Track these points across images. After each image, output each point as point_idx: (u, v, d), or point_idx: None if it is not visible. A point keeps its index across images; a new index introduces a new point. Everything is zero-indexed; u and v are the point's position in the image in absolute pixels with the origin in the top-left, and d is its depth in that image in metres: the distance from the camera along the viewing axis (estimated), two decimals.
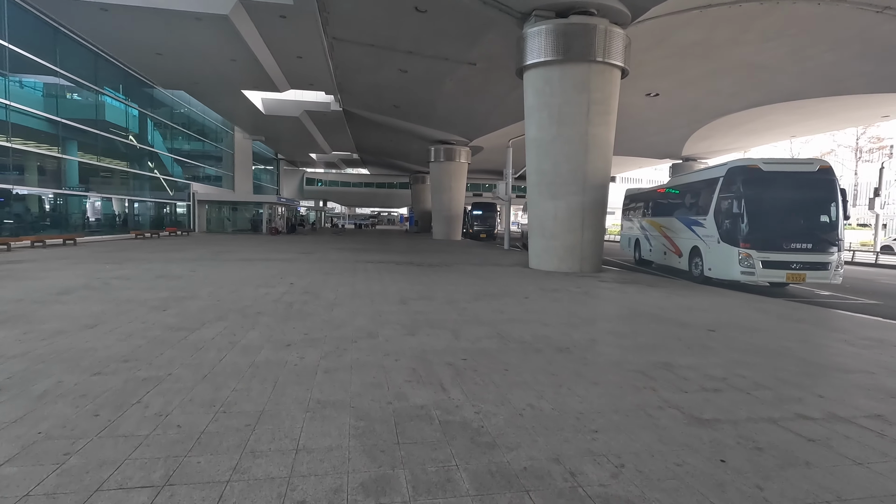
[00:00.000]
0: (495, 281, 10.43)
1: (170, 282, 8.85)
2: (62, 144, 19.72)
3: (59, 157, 19.52)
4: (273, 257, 14.67)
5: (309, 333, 5.22)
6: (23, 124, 18.09)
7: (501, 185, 23.72)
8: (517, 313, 6.79)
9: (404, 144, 39.62)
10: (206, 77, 24.55)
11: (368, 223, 70.79)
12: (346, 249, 19.36)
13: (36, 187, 18.82)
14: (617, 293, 9.16)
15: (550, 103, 12.89)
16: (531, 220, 13.98)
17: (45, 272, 9.77)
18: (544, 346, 4.97)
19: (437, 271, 12.05)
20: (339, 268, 12.18)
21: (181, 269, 10.79)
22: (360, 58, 21.26)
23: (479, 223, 36.50)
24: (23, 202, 18.07)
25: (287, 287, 8.64)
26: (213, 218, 35.52)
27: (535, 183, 13.52)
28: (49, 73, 19.14)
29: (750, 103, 23.48)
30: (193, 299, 7.15)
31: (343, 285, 9.06)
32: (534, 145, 13.48)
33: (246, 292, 7.93)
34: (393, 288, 8.92)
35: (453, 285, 9.54)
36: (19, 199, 17.65)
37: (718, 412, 3.34)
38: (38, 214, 18.61)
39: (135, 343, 4.63)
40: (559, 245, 13.09)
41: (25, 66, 18.22)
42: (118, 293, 7.48)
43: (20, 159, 18.02)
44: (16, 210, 17.24)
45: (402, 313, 6.53)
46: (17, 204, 17.54)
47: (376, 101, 27.96)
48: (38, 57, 18.33)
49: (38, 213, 18.64)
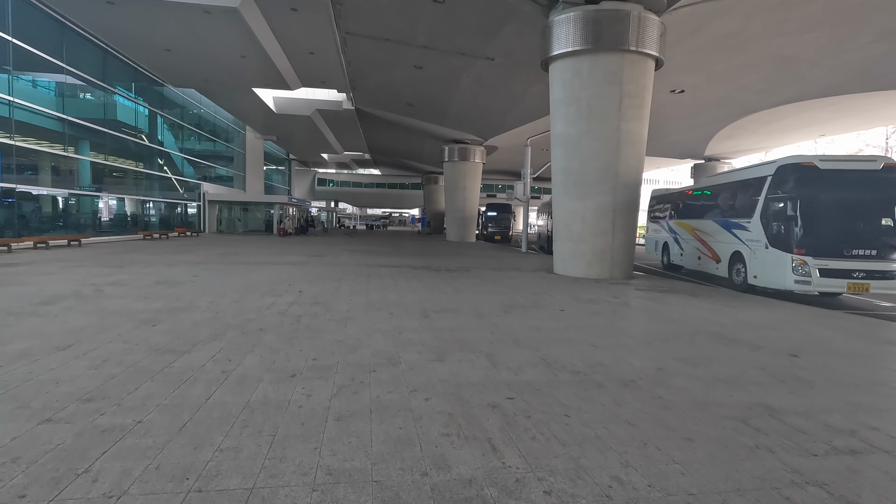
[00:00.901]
0: (522, 289, 9.53)
1: (168, 289, 8.08)
2: (69, 143, 19.22)
3: (65, 155, 19.01)
4: (282, 260, 13.92)
5: (318, 358, 4.37)
6: (32, 123, 17.63)
7: (519, 186, 22.79)
8: (556, 330, 5.89)
9: (417, 144, 38.86)
10: (217, 75, 23.96)
11: (380, 224, 70.18)
12: (359, 252, 18.57)
13: (41, 186, 18.34)
14: (660, 304, 8.20)
15: (579, 97, 11.96)
16: (557, 222, 13.05)
17: (37, 276, 9.08)
18: (603, 379, 4.07)
19: (456, 277, 11.17)
20: (351, 273, 11.37)
21: (183, 274, 10.05)
22: (373, 53, 20.50)
23: (494, 225, 35.53)
24: (27, 202, 17.56)
25: (295, 296, 7.83)
26: (224, 218, 35.03)
27: (562, 183, 12.59)
28: (60, 72, 18.65)
29: (781, 100, 22.29)
30: (190, 311, 6.35)
31: (357, 294, 8.23)
32: (560, 142, 12.56)
33: (249, 302, 7.12)
34: (411, 297, 8.06)
35: (477, 294, 8.65)
36: (23, 198, 17.13)
37: (876, 492, 2.42)
38: (42, 215, 18.09)
39: (108, 372, 3.81)
40: (587, 249, 12.14)
41: (36, 65, 17.74)
42: (108, 303, 6.72)
43: (27, 158, 17.55)
44: (19, 210, 16.70)
45: (425, 330, 5.66)
46: (21, 204, 17.02)
47: (389, 99, 27.21)
48: (49, 55, 17.84)
49: (42, 213, 18.12)
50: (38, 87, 18.66)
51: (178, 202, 29.27)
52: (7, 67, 16.06)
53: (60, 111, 18.91)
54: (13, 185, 16.50)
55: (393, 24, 17.22)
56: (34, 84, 18.47)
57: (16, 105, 16.60)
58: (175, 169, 29.02)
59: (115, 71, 22.57)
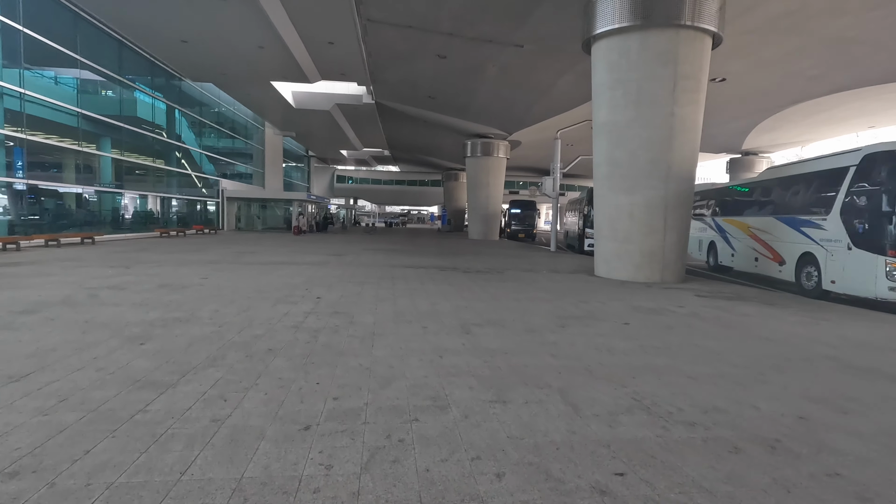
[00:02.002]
0: (567, 295, 8.37)
1: (171, 294, 7.16)
2: (89, 139, 18.68)
3: (86, 151, 18.45)
4: (300, 260, 12.99)
5: (340, 398, 3.32)
6: (52, 119, 17.15)
7: (548, 181, 21.53)
8: (632, 352, 4.74)
9: (438, 139, 37.80)
10: (235, 67, 23.22)
11: (399, 221, 69.40)
12: (380, 251, 17.58)
13: (63, 183, 17.82)
14: (736, 316, 6.96)
15: (627, 79, 10.70)
16: (599, 219, 11.82)
17: (33, 278, 8.27)
18: (734, 436, 2.92)
19: (489, 280, 10.06)
20: (374, 274, 10.35)
21: (191, 276, 9.15)
22: (395, 42, 19.46)
23: (518, 222, 34.22)
24: (43, 199, 17.04)
25: (312, 303, 6.82)
26: (243, 215, 34.49)
27: (606, 176, 11.36)
28: (80, 68, 18.10)
29: (833, 87, 20.56)
30: (189, 323, 5.38)
31: (382, 301, 7.18)
32: (604, 131, 11.32)
33: (260, 312, 6.13)
34: (445, 305, 6.98)
35: (519, 301, 7.53)
36: (39, 195, 16.59)
37: None
38: (56, 211, 17.54)
39: (59, 421, 2.82)
40: (635, 249, 10.88)
41: (56, 60, 17.22)
42: (98, 311, 5.80)
43: (43, 154, 17.06)
44: (34, 207, 16.14)
45: (471, 353, 4.57)
46: (36, 201, 16.49)
47: (410, 91, 26.17)
48: (67, 49, 17.28)
49: (56, 210, 17.58)
50: (61, 84, 18.19)
51: (197, 199, 28.75)
52: (25, 63, 15.50)
53: (82, 108, 18.40)
54: (36, 182, 15.99)
55: (417, 9, 16.13)
56: (56, 81, 17.99)
57: (38, 102, 16.09)
58: (194, 165, 28.50)
59: (133, 66, 22.02)
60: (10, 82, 14.93)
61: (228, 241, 20.85)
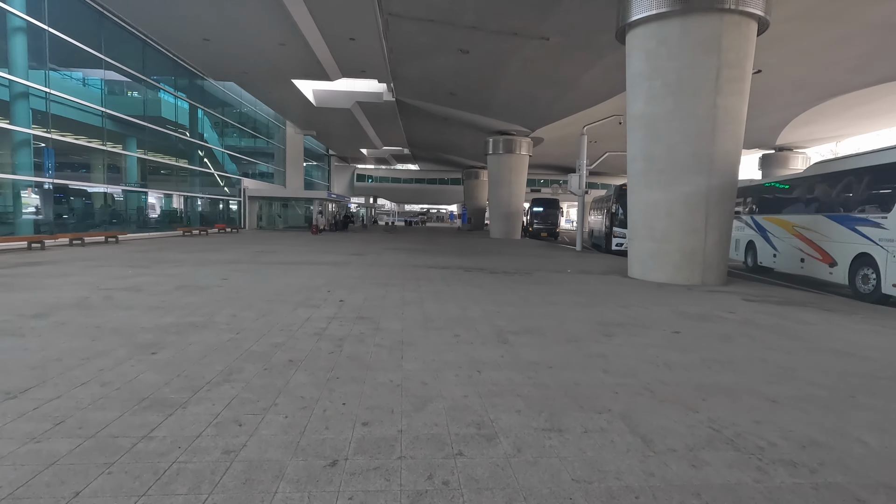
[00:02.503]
0: (604, 299, 7.81)
1: (188, 296, 6.86)
2: (116, 139, 18.76)
3: (112, 151, 18.54)
4: (321, 260, 12.67)
5: (370, 424, 2.88)
6: (80, 120, 17.30)
7: (574, 178, 20.86)
8: (693, 367, 4.20)
9: (458, 137, 37.32)
10: (256, 66, 23.13)
11: (418, 220, 69.15)
12: (401, 250, 17.19)
13: (91, 183, 17.94)
14: (797, 324, 6.33)
15: (666, 68, 10.05)
16: (634, 218, 11.18)
17: (52, 279, 8.09)
18: (850, 482, 2.39)
19: (518, 281, 9.55)
20: (397, 275, 9.94)
21: (210, 277, 8.87)
22: (417, 37, 19.04)
23: (541, 221, 33.52)
24: (68, 198, 17.15)
25: (335, 307, 6.43)
26: (264, 214, 34.59)
27: (641, 171, 10.72)
28: (106, 68, 18.20)
29: (876, 79, 19.43)
30: (205, 329, 5.03)
31: (409, 304, 6.75)
32: (640, 124, 10.69)
33: (280, 316, 5.76)
34: (475, 310, 6.51)
35: (554, 306, 7.01)
36: (63, 194, 16.69)
37: None
38: (80, 211, 17.64)
39: (51, 450, 2.44)
40: (674, 249, 10.23)
41: (82, 60, 17.34)
42: (111, 315, 5.50)
43: (73, 155, 17.21)
44: (58, 206, 16.22)
45: (512, 367, 4.10)
46: (61, 200, 16.59)
47: (431, 88, 25.74)
48: (92, 49, 17.36)
49: (80, 209, 17.67)
50: (88, 85, 18.34)
51: (219, 198, 28.86)
52: (53, 64, 15.57)
53: (108, 108, 18.52)
54: (63, 182, 16.09)
55: (439, 2, 15.68)
56: (84, 82, 18.12)
57: (66, 102, 16.20)
58: (216, 165, 28.62)
59: (157, 66, 22.10)
60: (38, 83, 15.00)
61: (249, 240, 20.75)
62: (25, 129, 14.57)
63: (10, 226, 14.32)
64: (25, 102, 14.74)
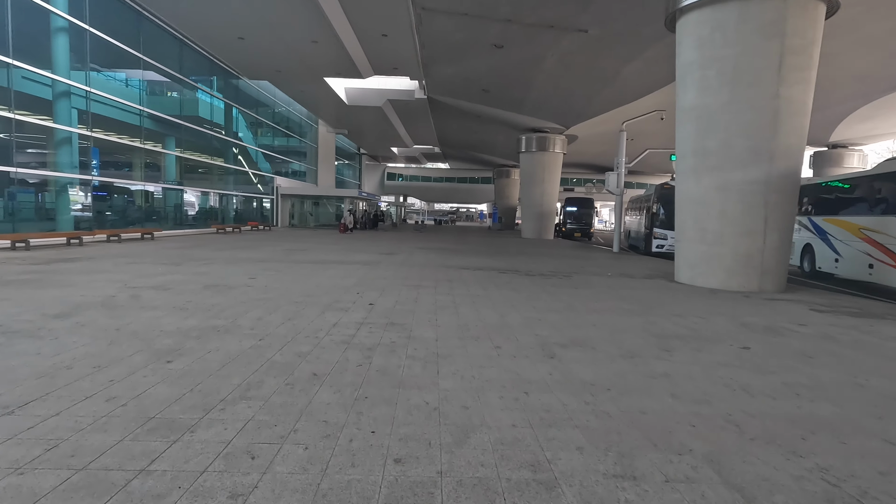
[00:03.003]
0: (655, 307, 7.16)
1: (215, 296, 6.60)
2: (156, 139, 19.09)
3: (148, 149, 18.87)
4: (351, 259, 12.38)
5: (404, 461, 2.42)
6: (123, 120, 17.70)
7: (612, 176, 19.98)
8: (777, 393, 3.58)
9: (490, 135, 36.71)
10: (289, 64, 23.17)
11: (447, 219, 68.85)
12: (432, 249, 16.78)
13: (122, 180, 18.31)
14: (885, 341, 5.54)
15: (722, 56, 9.25)
16: (682, 217, 10.40)
17: (81, 276, 8.02)
18: None
19: (558, 285, 8.96)
20: (429, 276, 9.50)
21: (239, 276, 8.65)
22: (450, 32, 18.61)
23: (574, 220, 32.56)
24: (111, 195, 17.52)
25: (365, 311, 6.03)
26: (296, 212, 34.87)
27: (693, 168, 9.94)
28: (146, 68, 18.51)
29: None
30: (228, 334, 4.70)
31: (443, 309, 6.29)
32: (692, 116, 9.90)
33: (306, 320, 5.40)
34: (515, 317, 6.00)
35: (600, 314, 6.43)
36: (107, 192, 17.04)
37: None
38: (119, 208, 17.97)
39: (32, 486, 2.08)
40: (728, 253, 9.42)
41: (122, 61, 17.71)
42: (134, 317, 5.26)
43: (117, 154, 17.61)
44: (99, 203, 16.54)
45: (563, 387, 3.58)
46: (104, 197, 16.94)
47: (464, 84, 25.26)
48: (133, 50, 17.69)
49: (119, 206, 18.00)
50: (133, 88, 18.77)
51: (252, 196, 29.19)
52: (96, 65, 15.89)
53: (149, 108, 18.89)
54: (106, 179, 16.44)
55: None
56: (126, 83, 18.51)
57: (108, 102, 16.56)
58: (251, 163, 28.95)
59: (194, 66, 22.41)
60: (83, 84, 15.31)
61: (281, 238, 20.78)
62: (71, 129, 14.94)
63: (52, 222, 14.64)
64: (67, 101, 15.05)
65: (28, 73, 13.57)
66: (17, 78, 13.29)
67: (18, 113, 13.20)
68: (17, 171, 13.29)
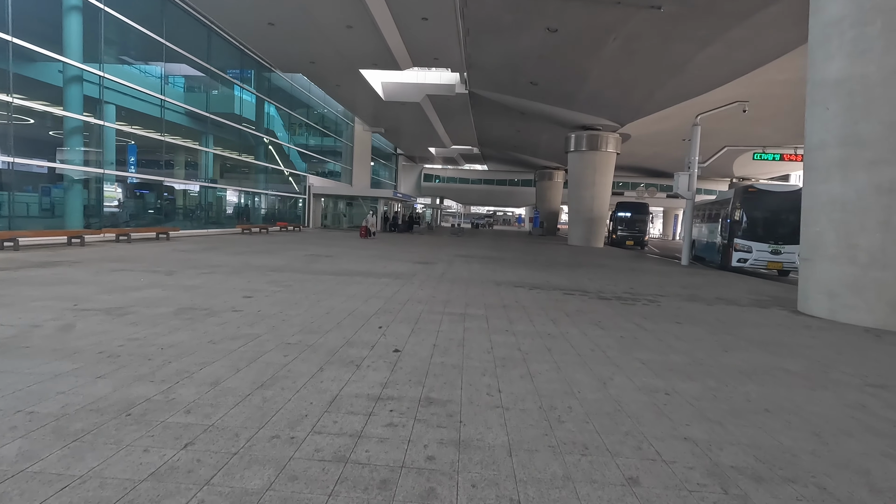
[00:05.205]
0: (827, 367, 4.72)
1: (176, 331, 4.65)
2: (193, 136, 17.85)
3: (192, 147, 17.65)
4: (380, 269, 10.37)
5: None
6: (164, 117, 16.67)
7: (683, 178, 17.28)
8: None
9: (534, 133, 34.28)
10: (323, 54, 21.55)
11: (485, 223, 66.54)
12: (474, 258, 14.60)
13: (175, 179, 17.24)
14: None
15: (880, 9, 6.69)
16: (815, 227, 7.80)
17: (38, 288, 6.26)
18: None
19: (648, 317, 6.59)
20: (476, 298, 7.34)
21: (233, 294, 6.74)
22: (498, 13, 16.46)
23: (626, 228, 29.70)
24: (141, 193, 16.43)
25: (385, 368, 3.92)
26: (329, 213, 33.45)
27: (838, 161, 7.36)
28: (181, 61, 17.40)
29: None
30: (140, 425, 2.68)
31: (505, 366, 4.11)
32: (838, 92, 7.33)
33: (287, 392, 3.34)
34: (624, 385, 3.74)
35: (749, 378, 4.07)
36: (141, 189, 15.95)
37: None
38: (134, 206, 16.70)
39: None
40: (892, 278, 6.82)
41: (157, 54, 16.63)
42: (28, 370, 3.33)
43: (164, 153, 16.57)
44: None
45: None
46: (138, 195, 15.86)
47: (510, 77, 23.03)
48: (168, 42, 16.52)
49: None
50: (176, 86, 17.77)
51: (282, 195, 27.83)
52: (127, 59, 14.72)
53: (191, 106, 17.83)
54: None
55: None
56: (168, 79, 17.46)
57: (143, 97, 15.55)
58: (285, 161, 27.67)
59: (228, 60, 21.22)
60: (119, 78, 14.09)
61: (308, 240, 19.07)
62: (110, 124, 14.03)
63: (59, 219, 13.37)
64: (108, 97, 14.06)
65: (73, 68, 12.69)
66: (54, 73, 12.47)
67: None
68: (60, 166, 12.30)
